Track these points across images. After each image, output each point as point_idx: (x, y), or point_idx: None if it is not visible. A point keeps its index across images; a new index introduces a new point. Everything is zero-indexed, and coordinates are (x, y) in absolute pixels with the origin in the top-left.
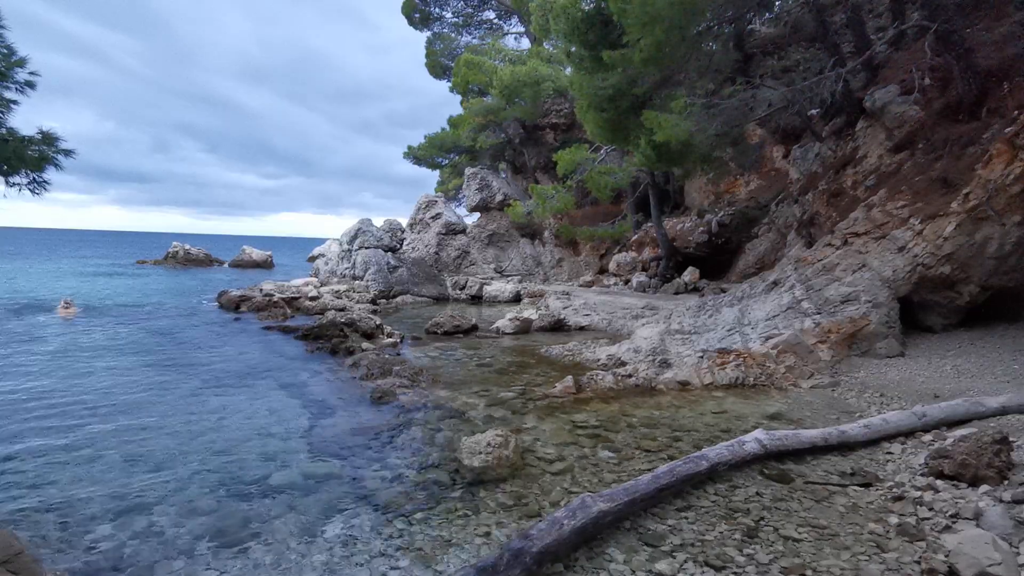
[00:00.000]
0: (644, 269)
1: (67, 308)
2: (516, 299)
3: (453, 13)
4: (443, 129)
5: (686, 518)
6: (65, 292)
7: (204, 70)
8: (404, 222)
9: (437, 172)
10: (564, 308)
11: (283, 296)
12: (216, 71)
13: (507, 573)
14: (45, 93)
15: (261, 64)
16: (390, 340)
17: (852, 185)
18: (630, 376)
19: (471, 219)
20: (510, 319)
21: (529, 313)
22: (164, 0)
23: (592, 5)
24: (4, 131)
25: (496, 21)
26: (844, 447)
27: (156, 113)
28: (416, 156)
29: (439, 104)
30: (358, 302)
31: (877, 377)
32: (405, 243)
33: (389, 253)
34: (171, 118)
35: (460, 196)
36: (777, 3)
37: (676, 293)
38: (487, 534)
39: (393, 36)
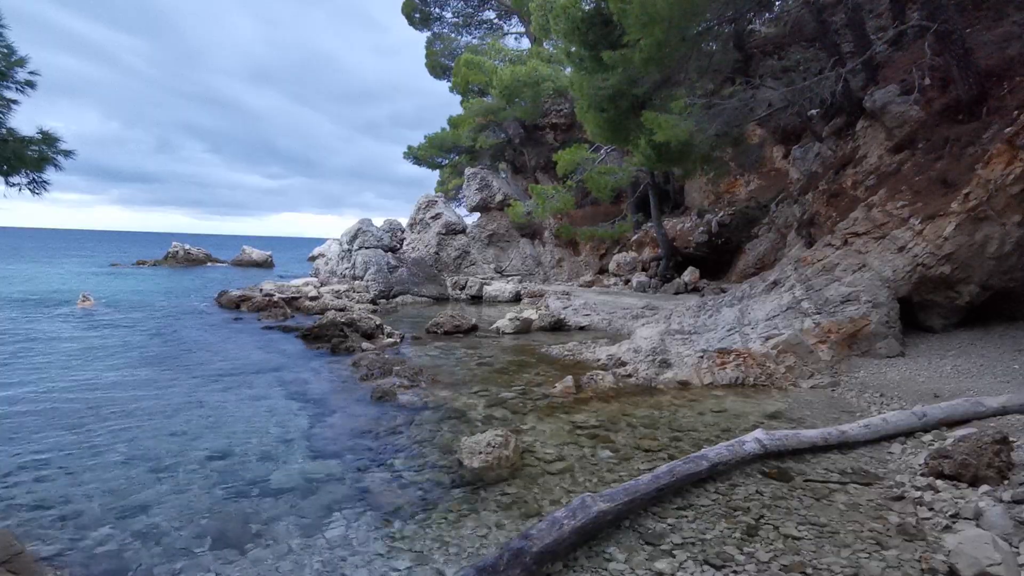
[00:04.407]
0: (644, 269)
1: (85, 301)
2: (516, 299)
3: (453, 13)
4: (443, 129)
5: (686, 517)
6: (78, 289)
7: (210, 71)
8: (404, 222)
9: (437, 172)
10: (564, 308)
11: (283, 296)
12: (222, 72)
13: (507, 573)
14: (50, 93)
15: (268, 65)
16: (390, 340)
17: (852, 185)
18: (630, 376)
19: (471, 219)
20: (510, 319)
21: (529, 313)
22: (172, 1)
23: (592, 5)
24: (4, 131)
25: (496, 21)
26: (844, 447)
27: (161, 113)
28: (416, 156)
29: (443, 105)
30: (358, 302)
31: (877, 377)
32: (405, 243)
33: (389, 253)
34: (176, 118)
35: (460, 196)
36: (777, 3)
37: (676, 293)
38: (487, 534)
39: (401, 37)
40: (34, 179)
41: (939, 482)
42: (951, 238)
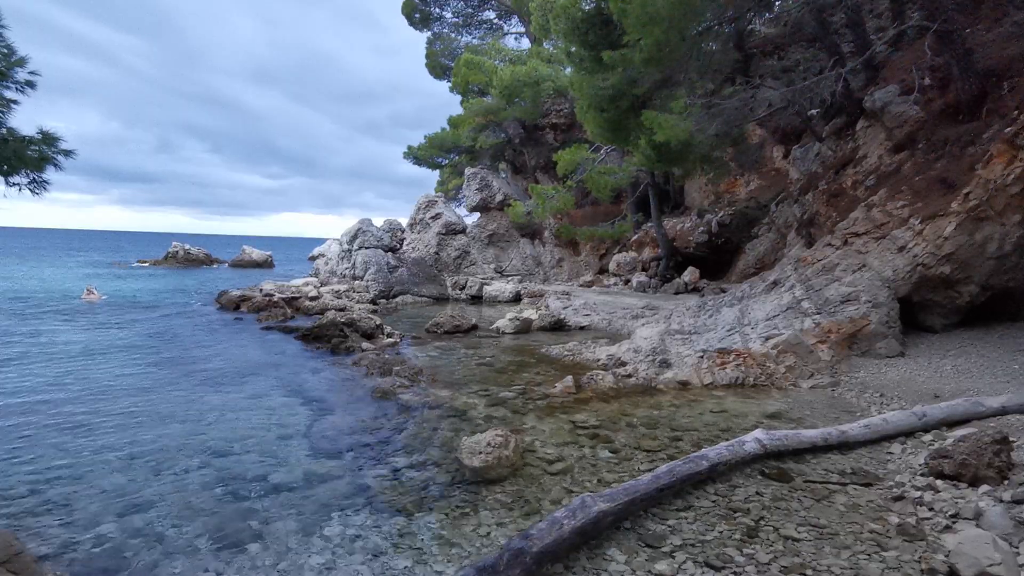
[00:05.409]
0: (644, 269)
1: (90, 294)
2: (516, 299)
3: (453, 13)
4: (443, 129)
5: (686, 518)
6: (80, 288)
7: (211, 71)
8: (404, 222)
9: (437, 172)
10: (564, 308)
11: (283, 296)
12: (223, 72)
13: (507, 573)
14: (50, 93)
15: (269, 65)
16: (390, 340)
17: (852, 185)
18: (630, 376)
19: (471, 219)
20: (510, 319)
21: (529, 313)
22: (172, 1)
23: (592, 5)
24: (4, 131)
25: (496, 21)
26: (844, 447)
27: (162, 113)
28: (416, 156)
29: (443, 105)
30: (358, 302)
31: (877, 377)
32: (405, 243)
33: (389, 253)
34: (177, 118)
35: (460, 196)
36: (777, 3)
37: (676, 293)
38: (487, 534)
39: (401, 37)
40: (34, 179)
41: (939, 482)
42: (951, 238)
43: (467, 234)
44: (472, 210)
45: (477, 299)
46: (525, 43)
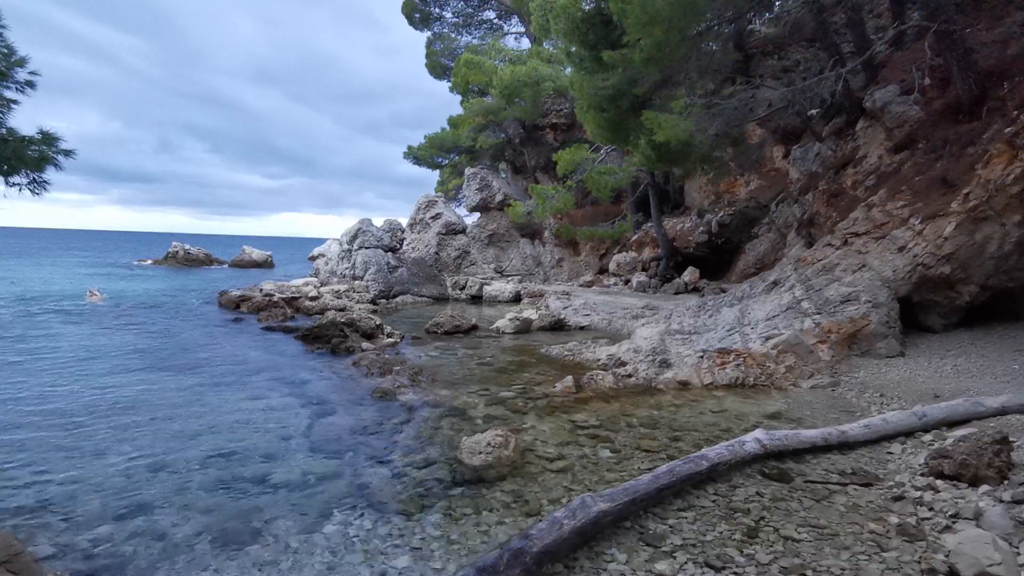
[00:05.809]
0: (644, 269)
1: (93, 296)
2: (516, 299)
3: (453, 13)
4: (443, 129)
5: (686, 518)
6: (82, 288)
7: (211, 71)
8: (404, 222)
9: (437, 172)
10: (564, 308)
11: (283, 296)
12: (223, 72)
13: (507, 573)
14: (51, 93)
15: (270, 66)
16: (390, 340)
17: (852, 185)
18: (630, 376)
19: (471, 219)
20: (510, 319)
21: (529, 313)
22: (173, 1)
23: (592, 5)
24: (4, 131)
25: (496, 21)
26: (844, 447)
27: (162, 114)
28: (416, 156)
29: (443, 105)
30: (358, 302)
31: (877, 377)
32: (405, 243)
33: (389, 253)
34: (176, 118)
35: (460, 196)
36: (777, 3)
37: (676, 293)
38: (487, 533)
39: (401, 37)
40: (34, 179)
41: (939, 482)
42: (951, 238)
43: (467, 234)
44: (472, 210)
45: (477, 299)
46: (525, 43)
